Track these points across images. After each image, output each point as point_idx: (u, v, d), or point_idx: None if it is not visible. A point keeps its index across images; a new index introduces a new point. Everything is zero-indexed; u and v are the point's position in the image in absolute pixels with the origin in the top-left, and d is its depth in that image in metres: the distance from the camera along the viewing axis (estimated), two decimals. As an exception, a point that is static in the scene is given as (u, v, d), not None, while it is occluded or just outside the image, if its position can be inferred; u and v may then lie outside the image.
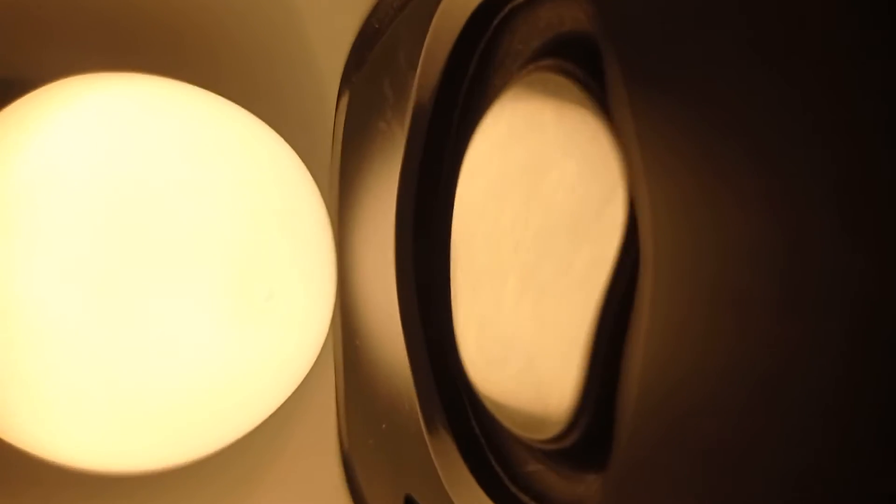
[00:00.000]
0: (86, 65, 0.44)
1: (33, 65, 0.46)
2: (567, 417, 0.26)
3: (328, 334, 0.46)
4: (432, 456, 0.33)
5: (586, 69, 0.25)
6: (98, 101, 0.41)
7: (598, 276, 0.23)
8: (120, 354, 0.39)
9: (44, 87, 0.42)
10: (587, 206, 0.24)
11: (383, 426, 0.39)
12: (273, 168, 0.43)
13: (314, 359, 0.45)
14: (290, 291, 0.42)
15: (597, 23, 0.23)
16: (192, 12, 0.47)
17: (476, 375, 0.32)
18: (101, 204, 0.39)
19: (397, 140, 0.36)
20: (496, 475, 0.31)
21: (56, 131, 0.40)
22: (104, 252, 0.38)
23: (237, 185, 0.42)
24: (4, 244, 0.38)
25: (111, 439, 0.42)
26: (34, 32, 0.46)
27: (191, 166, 0.41)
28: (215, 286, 0.40)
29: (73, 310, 0.38)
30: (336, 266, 0.45)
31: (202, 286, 0.40)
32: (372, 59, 0.41)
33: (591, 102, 0.24)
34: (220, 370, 0.41)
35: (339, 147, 0.46)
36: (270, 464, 0.50)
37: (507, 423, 0.30)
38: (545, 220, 0.27)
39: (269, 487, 0.50)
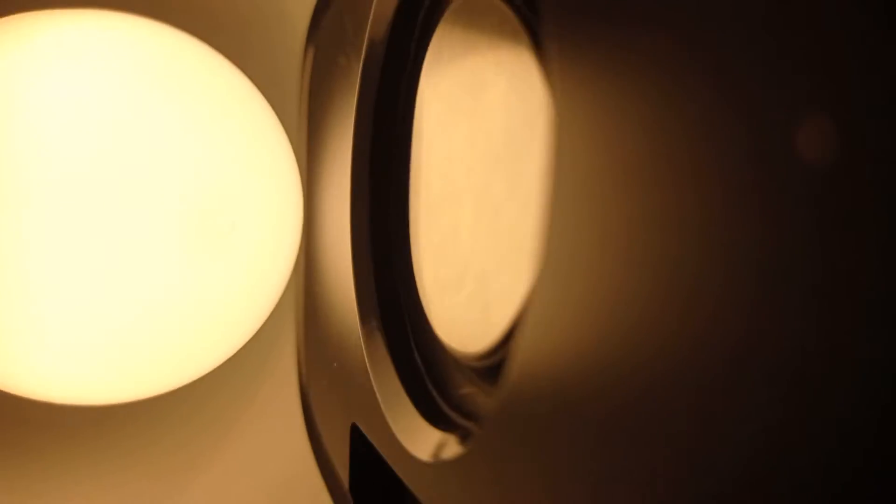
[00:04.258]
0: (41, 0, 0.44)
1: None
2: (501, 334, 0.26)
3: (292, 276, 0.46)
4: (373, 384, 0.33)
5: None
6: (64, 36, 0.42)
7: (538, 193, 0.24)
8: (81, 288, 0.40)
9: (9, 17, 0.43)
10: (521, 123, 0.25)
11: (335, 365, 0.39)
12: (237, 105, 0.44)
13: (279, 295, 0.46)
14: (253, 224, 0.43)
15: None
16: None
17: (430, 302, 0.32)
18: (60, 141, 0.39)
19: (354, 75, 0.36)
20: (431, 397, 0.31)
21: (11, 67, 0.40)
22: (65, 189, 0.39)
23: (201, 120, 0.42)
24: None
25: (82, 373, 0.42)
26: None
27: (156, 101, 0.41)
28: (178, 217, 0.40)
29: (36, 246, 0.38)
30: (303, 205, 0.45)
31: (165, 218, 0.40)
32: (335, 2, 0.41)
33: (517, 20, 0.25)
34: (184, 302, 0.42)
35: (306, 90, 0.46)
36: (236, 397, 0.51)
37: (450, 342, 0.30)
38: (487, 140, 0.27)
39: (235, 420, 0.51)
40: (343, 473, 0.40)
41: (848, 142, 0.14)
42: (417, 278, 0.34)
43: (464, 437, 0.28)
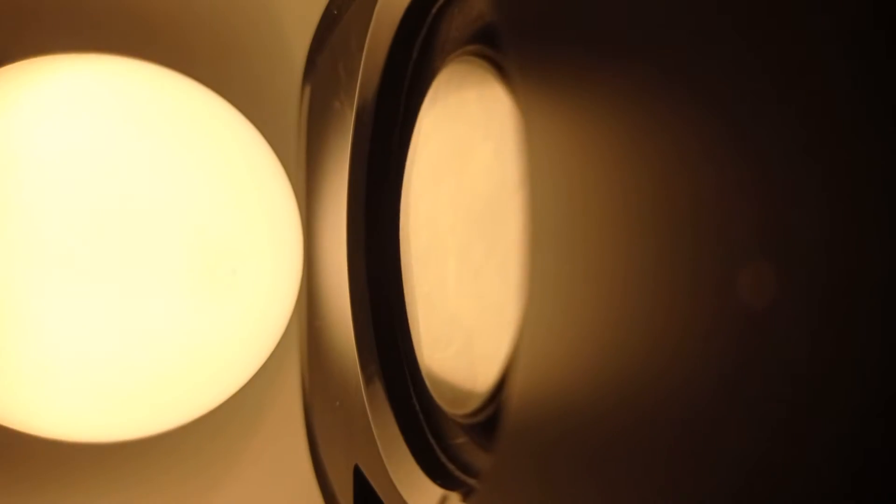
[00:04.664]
0: (57, 45, 0.45)
1: (4, 42, 0.46)
2: (486, 394, 0.27)
3: (294, 313, 0.47)
4: (374, 432, 0.34)
5: (501, 55, 0.26)
6: (68, 81, 0.42)
7: (517, 258, 0.24)
8: (89, 330, 0.40)
9: (11, 65, 0.43)
10: (502, 189, 0.25)
11: (337, 403, 0.40)
12: (239, 149, 0.44)
13: (280, 334, 0.46)
14: (254, 268, 0.43)
15: (493, 14, 0.24)
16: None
17: (423, 352, 0.33)
18: (68, 182, 0.40)
19: (348, 120, 0.37)
20: (429, 446, 0.32)
21: (24, 110, 0.41)
22: (72, 229, 0.39)
23: (204, 165, 0.43)
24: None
25: (82, 411, 0.43)
26: (6, 11, 0.47)
27: (159, 147, 0.42)
28: (182, 262, 0.41)
29: (42, 287, 0.39)
30: (303, 245, 0.46)
31: (170, 262, 0.41)
32: (330, 43, 0.42)
33: (503, 85, 0.25)
34: (187, 343, 0.42)
35: (304, 128, 0.47)
36: (241, 436, 0.51)
37: (437, 397, 0.31)
38: (471, 201, 0.28)
39: (240, 458, 0.51)
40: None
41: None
42: (411, 324, 0.34)
43: (465, 493, 0.28)
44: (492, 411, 0.26)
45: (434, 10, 0.32)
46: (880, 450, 0.14)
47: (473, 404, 0.27)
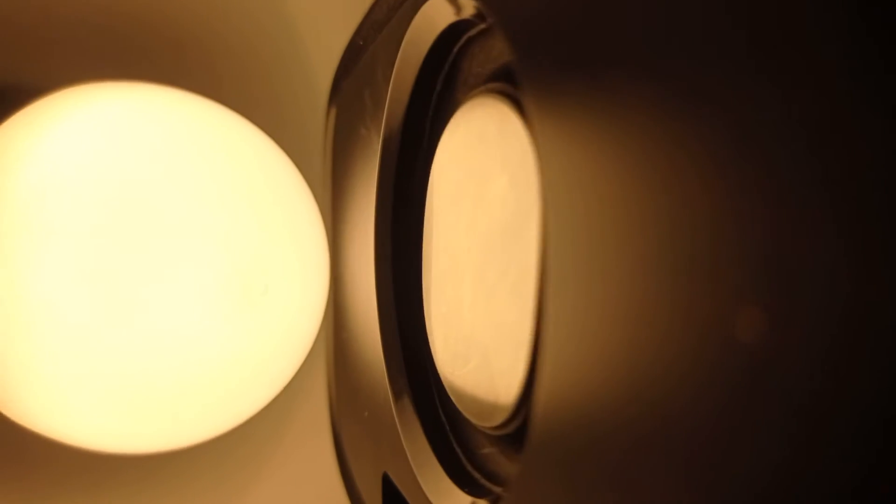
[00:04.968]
0: (92, 74, 0.47)
1: (42, 73, 0.49)
2: (511, 407, 0.29)
3: (322, 328, 0.49)
4: (402, 440, 0.36)
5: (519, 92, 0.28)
6: (103, 109, 0.44)
7: (529, 282, 0.26)
8: (125, 345, 0.42)
9: (51, 94, 0.46)
10: (516, 218, 0.27)
11: (365, 414, 0.42)
12: (268, 172, 0.46)
13: (308, 349, 0.48)
14: (284, 286, 0.45)
15: (512, 54, 0.26)
16: (192, 25, 0.50)
17: (443, 369, 0.34)
18: (107, 205, 0.42)
19: (375, 147, 0.39)
20: (456, 456, 0.34)
21: (63, 137, 0.43)
22: (110, 250, 0.41)
23: (235, 188, 0.45)
24: (17, 244, 0.41)
25: (118, 422, 0.45)
26: (43, 43, 0.49)
27: (191, 170, 0.44)
28: (215, 281, 0.43)
29: (82, 304, 0.41)
30: (330, 263, 0.48)
31: (203, 281, 0.43)
32: (356, 72, 0.44)
33: (522, 122, 0.27)
34: (220, 358, 0.44)
35: (329, 151, 0.49)
36: (271, 446, 0.53)
37: (465, 412, 0.32)
38: (487, 227, 0.30)
39: (270, 468, 0.53)
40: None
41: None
42: (430, 342, 0.36)
43: (492, 501, 0.30)
44: (520, 423, 0.28)
45: (456, 49, 0.34)
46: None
47: (500, 417, 0.29)
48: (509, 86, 0.29)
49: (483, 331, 0.30)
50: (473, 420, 0.31)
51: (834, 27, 0.16)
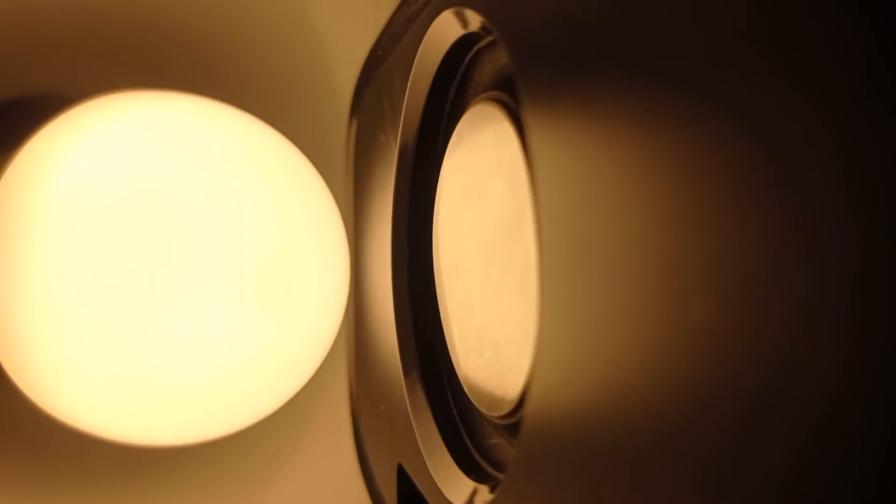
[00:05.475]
0: (123, 83, 0.49)
1: (75, 83, 0.51)
2: (518, 397, 0.30)
3: (342, 326, 0.51)
4: (416, 434, 0.37)
5: (514, 101, 0.30)
6: (134, 116, 0.46)
7: (531, 279, 0.28)
8: (156, 343, 0.44)
9: (84, 103, 0.48)
10: (513, 219, 0.29)
11: (382, 407, 0.44)
12: (291, 177, 0.48)
13: (329, 346, 0.50)
14: (306, 286, 0.47)
15: (512, 65, 0.28)
16: (220, 38, 0.52)
17: (458, 361, 0.36)
18: (139, 209, 0.44)
19: (393, 152, 0.41)
20: (465, 446, 0.36)
21: (95, 143, 0.45)
22: (142, 252, 0.43)
23: (259, 192, 0.47)
24: (53, 247, 0.43)
25: (148, 417, 0.47)
26: (76, 55, 0.51)
27: (217, 175, 0.46)
28: (241, 281, 0.45)
29: (116, 303, 0.43)
30: (350, 263, 0.50)
31: (229, 281, 0.45)
32: (376, 81, 0.46)
33: (514, 128, 0.29)
34: (245, 355, 0.46)
35: (351, 157, 0.51)
36: (294, 439, 0.55)
37: (476, 402, 0.34)
38: (488, 227, 0.31)
39: (292, 460, 0.55)
40: (392, 508, 0.44)
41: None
42: (446, 336, 0.38)
43: (493, 486, 0.32)
44: (522, 415, 0.30)
45: (467, 59, 0.36)
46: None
47: (507, 408, 0.31)
48: (504, 94, 0.31)
49: (493, 326, 0.32)
50: (483, 410, 0.33)
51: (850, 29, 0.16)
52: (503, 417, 0.32)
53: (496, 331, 0.32)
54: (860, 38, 0.15)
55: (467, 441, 0.36)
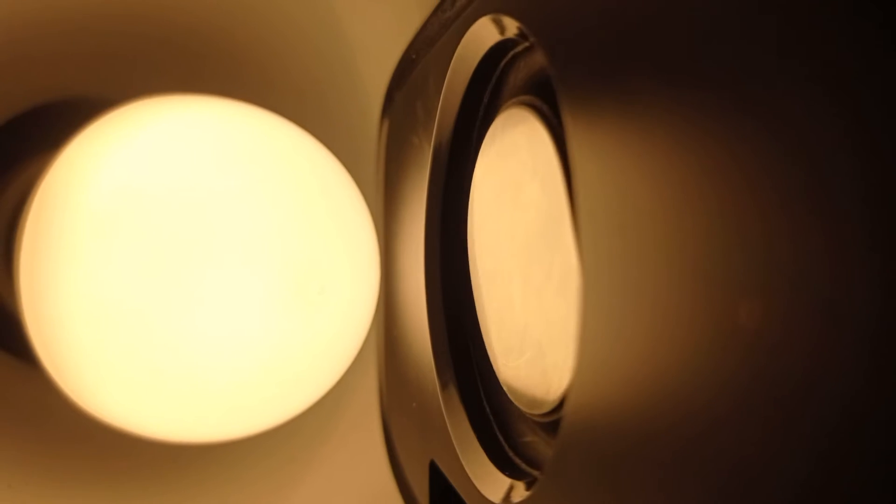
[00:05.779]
0: (158, 88, 0.50)
1: (115, 88, 0.52)
2: (561, 396, 0.31)
3: (373, 325, 0.52)
4: (449, 429, 0.38)
5: (550, 105, 0.31)
6: (168, 120, 0.47)
7: (572, 281, 0.29)
8: (191, 340, 0.45)
9: (121, 107, 0.49)
10: (549, 222, 0.30)
11: (414, 405, 0.45)
12: (322, 179, 0.49)
13: (360, 345, 0.51)
14: (338, 286, 0.48)
15: (550, 70, 0.28)
16: (252, 42, 0.53)
17: (497, 361, 0.37)
18: (176, 211, 0.44)
19: (426, 155, 0.42)
20: (499, 443, 0.37)
21: (132, 146, 0.46)
22: (177, 253, 0.44)
23: (292, 193, 0.47)
24: (93, 244, 0.44)
25: (182, 414, 0.48)
26: (113, 60, 0.52)
27: (251, 177, 0.46)
28: (274, 282, 0.46)
29: (153, 302, 0.44)
30: (381, 264, 0.51)
31: (263, 281, 0.46)
32: (409, 84, 0.47)
33: (548, 131, 0.30)
34: (278, 353, 0.47)
35: (382, 158, 0.51)
36: (325, 435, 0.56)
37: (515, 400, 0.35)
38: (525, 231, 0.32)
39: (323, 456, 0.56)
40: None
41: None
42: (484, 335, 0.38)
43: (529, 483, 0.33)
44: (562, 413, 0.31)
45: (502, 64, 0.37)
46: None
47: (548, 406, 0.31)
48: (535, 98, 0.32)
49: (536, 326, 0.32)
50: (523, 408, 0.34)
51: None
52: (541, 416, 0.33)
53: (538, 331, 0.32)
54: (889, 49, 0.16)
55: (501, 438, 0.37)
